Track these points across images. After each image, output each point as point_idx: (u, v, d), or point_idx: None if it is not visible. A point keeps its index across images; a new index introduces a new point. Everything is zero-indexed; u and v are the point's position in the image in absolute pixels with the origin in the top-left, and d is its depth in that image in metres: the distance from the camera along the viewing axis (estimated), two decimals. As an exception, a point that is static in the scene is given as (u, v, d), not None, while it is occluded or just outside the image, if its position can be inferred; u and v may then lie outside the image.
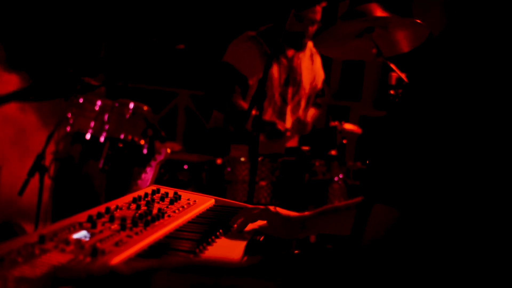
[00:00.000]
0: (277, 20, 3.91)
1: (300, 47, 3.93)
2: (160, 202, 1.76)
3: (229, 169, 3.45)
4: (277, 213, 1.81)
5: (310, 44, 4.07)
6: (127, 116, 3.57)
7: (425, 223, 1.16)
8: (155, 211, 1.62)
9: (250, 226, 1.78)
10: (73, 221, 1.41)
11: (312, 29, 3.86)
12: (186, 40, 3.50)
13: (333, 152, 3.72)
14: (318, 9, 3.83)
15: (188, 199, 1.85)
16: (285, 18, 2.99)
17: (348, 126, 3.87)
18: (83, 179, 3.82)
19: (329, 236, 3.59)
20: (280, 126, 3.79)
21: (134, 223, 1.45)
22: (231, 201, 2.00)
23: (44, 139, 3.43)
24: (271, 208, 1.81)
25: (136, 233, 1.39)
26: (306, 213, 1.85)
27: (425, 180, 1.14)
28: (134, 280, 1.13)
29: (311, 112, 4.22)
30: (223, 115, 4.02)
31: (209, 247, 1.46)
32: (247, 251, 1.55)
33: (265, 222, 1.82)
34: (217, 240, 1.54)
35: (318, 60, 4.21)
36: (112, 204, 1.60)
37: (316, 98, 4.25)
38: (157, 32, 5.78)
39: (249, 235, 1.70)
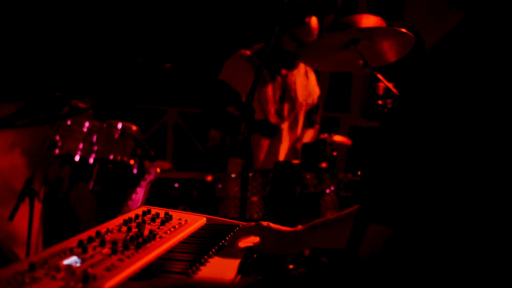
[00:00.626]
0: (266, 38, 3.93)
1: (292, 67, 3.96)
2: (151, 223, 1.74)
3: (220, 185, 3.44)
4: (270, 229, 1.80)
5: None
6: (116, 136, 3.56)
7: (420, 241, 1.15)
8: (146, 232, 1.60)
9: (243, 244, 1.77)
10: (64, 246, 1.39)
11: None
12: (173, 59, 3.50)
13: (323, 165, 3.71)
14: (314, 28, 3.83)
15: (180, 219, 1.83)
16: (271, 37, 2.98)
17: (338, 138, 3.86)
18: (73, 201, 3.79)
19: (323, 249, 3.58)
20: (271, 119, 3.80)
21: (126, 246, 1.43)
22: (222, 219, 1.99)
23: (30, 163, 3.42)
24: (263, 223, 1.80)
25: (128, 257, 1.37)
26: (299, 227, 1.84)
27: (419, 199, 1.14)
28: None
29: (309, 135, 4.21)
30: (220, 132, 4.02)
31: (202, 267, 1.44)
32: (240, 269, 1.54)
33: (258, 238, 1.80)
34: (210, 259, 1.52)
35: (312, 76, 4.22)
36: (102, 228, 1.58)
37: (311, 115, 4.25)
38: (143, 52, 5.78)
39: (242, 253, 1.68)
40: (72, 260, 1.30)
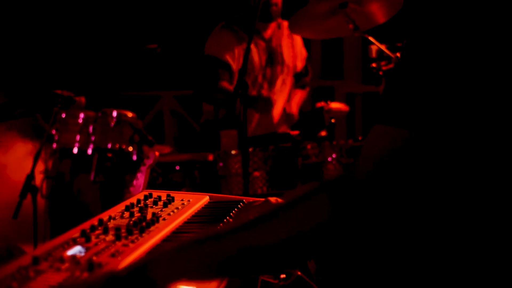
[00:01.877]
0: (243, 8, 3.92)
1: (271, 18, 3.90)
2: (154, 206, 1.72)
3: (221, 164, 3.42)
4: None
5: (286, 23, 4.07)
6: (112, 125, 3.53)
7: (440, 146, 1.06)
8: (149, 216, 1.58)
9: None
10: (67, 237, 1.37)
11: None
12: (160, 41, 3.47)
13: (323, 133, 3.69)
14: None
15: (182, 200, 1.81)
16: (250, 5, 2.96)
17: (334, 105, 3.84)
18: (77, 194, 3.78)
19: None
20: (264, 92, 3.79)
21: (129, 231, 1.41)
22: (225, 195, 1.97)
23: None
24: (272, 199, 1.78)
25: (132, 241, 1.36)
26: None
27: (442, 101, 1.04)
28: (132, 278, 1.10)
29: (297, 97, 4.18)
30: (213, 105, 4.00)
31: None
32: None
33: None
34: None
35: (297, 38, 4.16)
36: (105, 215, 1.56)
37: (300, 77, 4.22)
38: (129, 38, 5.75)
39: None
40: (76, 250, 1.29)
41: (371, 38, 3.32)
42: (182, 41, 5.96)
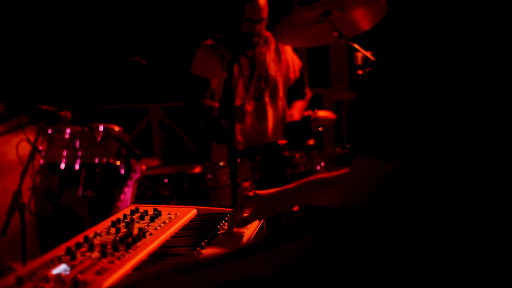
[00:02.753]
0: (228, 26, 3.92)
1: (253, 46, 3.91)
2: (140, 221, 1.70)
3: (209, 175, 3.40)
4: (257, 197, 1.78)
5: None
6: (98, 139, 3.51)
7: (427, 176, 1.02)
8: (135, 231, 1.57)
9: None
10: (52, 256, 1.35)
11: (260, 27, 3.84)
12: (147, 54, 3.46)
13: (311, 142, 3.68)
14: (263, 7, 3.80)
15: (169, 214, 1.80)
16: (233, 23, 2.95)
17: (322, 113, 3.83)
18: (65, 210, 3.75)
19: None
20: (239, 100, 3.81)
21: (115, 248, 1.39)
22: (213, 208, 1.96)
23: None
24: (250, 194, 1.79)
25: (118, 258, 1.34)
26: (289, 185, 1.81)
27: (425, 131, 1.00)
28: None
29: (298, 106, 4.14)
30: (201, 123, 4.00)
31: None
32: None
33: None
34: (203, 251, 1.49)
35: (288, 49, 4.13)
36: (90, 232, 1.55)
37: (296, 88, 4.18)
38: (116, 49, 5.73)
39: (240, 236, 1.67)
40: (61, 269, 1.27)
41: (356, 45, 3.31)
42: (168, 54, 5.95)
